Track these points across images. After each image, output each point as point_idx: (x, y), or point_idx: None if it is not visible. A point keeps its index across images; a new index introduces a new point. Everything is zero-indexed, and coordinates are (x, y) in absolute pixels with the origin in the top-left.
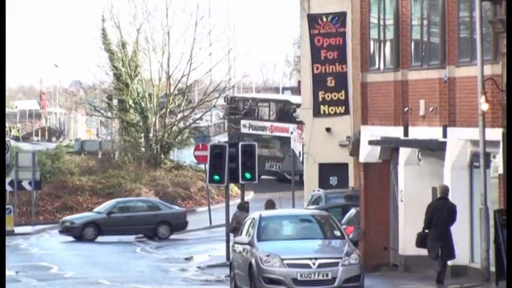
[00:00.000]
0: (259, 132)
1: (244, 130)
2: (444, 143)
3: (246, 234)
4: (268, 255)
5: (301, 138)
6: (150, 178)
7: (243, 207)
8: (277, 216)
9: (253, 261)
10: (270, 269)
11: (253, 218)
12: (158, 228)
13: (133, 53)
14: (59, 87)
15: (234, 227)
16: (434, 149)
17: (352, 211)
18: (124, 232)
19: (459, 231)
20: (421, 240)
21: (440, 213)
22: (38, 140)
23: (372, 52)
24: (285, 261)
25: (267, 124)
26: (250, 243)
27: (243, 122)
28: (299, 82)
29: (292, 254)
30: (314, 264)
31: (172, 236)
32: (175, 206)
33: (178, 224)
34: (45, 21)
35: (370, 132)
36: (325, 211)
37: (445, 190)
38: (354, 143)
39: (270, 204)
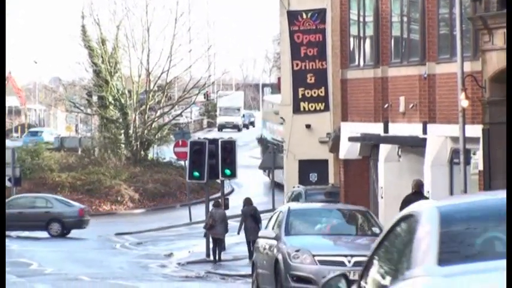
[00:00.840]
0: None
1: None
2: (424, 140)
3: (273, 228)
4: (297, 251)
5: None
6: (130, 175)
7: (219, 204)
8: (308, 210)
9: (279, 257)
10: (299, 265)
11: (281, 211)
12: (49, 225)
13: (113, 49)
14: (39, 84)
15: (210, 225)
16: (414, 146)
17: None
18: (14, 228)
19: None
20: None
21: None
22: (17, 137)
23: (351, 49)
24: (316, 258)
25: None
26: (277, 238)
27: None
28: (279, 79)
29: (324, 250)
30: (349, 262)
31: (153, 233)
32: (76, 204)
33: (71, 222)
34: (24, 18)
35: (350, 129)
36: (362, 206)
37: (419, 184)
38: (334, 139)
39: (248, 202)
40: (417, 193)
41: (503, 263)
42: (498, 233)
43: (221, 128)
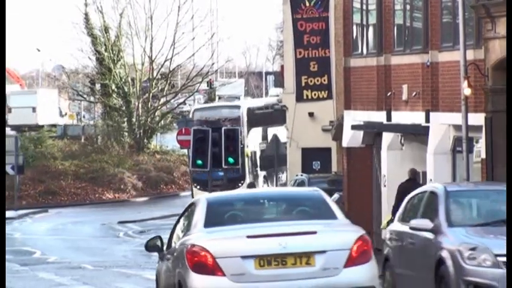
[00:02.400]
0: None
1: None
2: (427, 128)
3: (423, 216)
4: (473, 249)
5: None
6: (133, 163)
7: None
8: (470, 191)
9: (444, 255)
10: (476, 269)
11: (432, 192)
12: None
13: (116, 37)
14: (42, 72)
15: None
16: (417, 134)
17: (335, 196)
18: None
19: None
20: None
21: (408, 194)
22: None
23: (354, 37)
24: (500, 259)
25: None
26: (436, 230)
27: None
28: (282, 67)
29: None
30: None
31: (156, 221)
32: None
33: None
34: (27, 5)
35: (353, 117)
36: None
37: (414, 172)
38: (337, 127)
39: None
40: (411, 180)
41: (236, 225)
42: (239, 212)
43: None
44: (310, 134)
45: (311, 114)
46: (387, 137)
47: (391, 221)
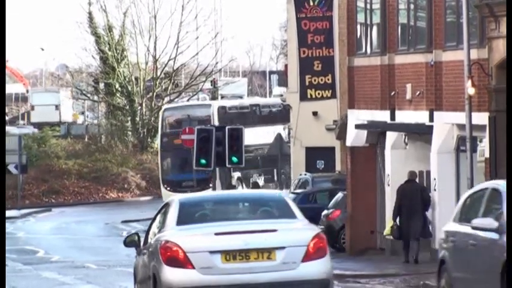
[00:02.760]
0: None
1: None
2: (431, 127)
3: (485, 215)
4: None
5: None
6: (137, 162)
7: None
8: None
9: None
10: None
11: (494, 189)
12: None
13: (119, 36)
14: (45, 71)
15: None
16: (420, 133)
17: (339, 195)
18: None
19: (445, 215)
20: (398, 231)
21: (409, 195)
22: (24, 124)
23: (358, 36)
24: None
25: None
26: (502, 230)
27: None
28: (286, 66)
29: None
30: None
31: None
32: None
33: None
34: (30, 4)
35: (357, 116)
36: None
37: (413, 174)
38: (341, 126)
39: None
40: (410, 181)
41: (205, 224)
42: (208, 212)
43: None
44: (314, 133)
45: (315, 114)
46: (391, 136)
47: (394, 226)
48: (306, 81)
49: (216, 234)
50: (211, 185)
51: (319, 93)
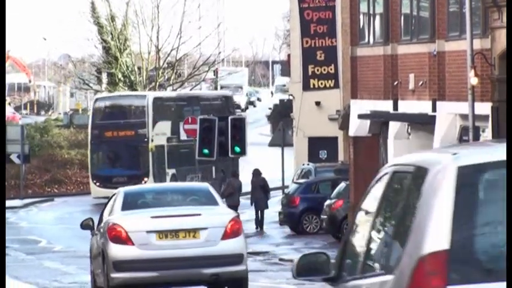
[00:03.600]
0: None
1: None
2: (433, 117)
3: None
4: None
5: None
6: None
7: (236, 175)
8: None
9: None
10: None
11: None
12: None
13: (122, 26)
14: (48, 61)
15: (230, 193)
16: (423, 123)
17: (342, 185)
18: None
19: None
20: None
21: None
22: (26, 114)
23: (361, 26)
24: None
25: None
26: None
27: None
28: (289, 56)
29: None
30: None
31: None
32: None
33: None
34: None
35: (360, 106)
36: None
37: None
38: (344, 116)
39: (257, 173)
40: None
41: (144, 209)
42: (147, 200)
43: None
44: (317, 123)
45: (318, 103)
46: (394, 126)
47: None
48: (309, 71)
49: (152, 217)
50: (144, 181)
51: (322, 83)
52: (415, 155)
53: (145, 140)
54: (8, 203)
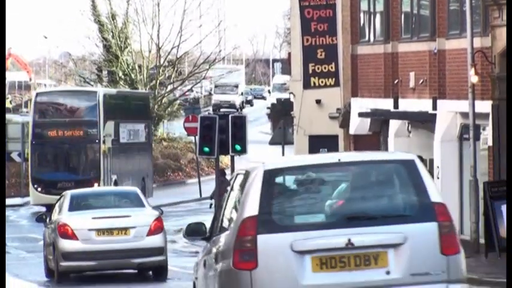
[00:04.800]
0: None
1: None
2: (434, 115)
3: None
4: None
5: None
6: None
7: (224, 173)
8: None
9: None
10: None
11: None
12: None
13: (123, 24)
14: (48, 59)
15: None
16: (424, 121)
17: (343, 185)
18: None
19: (448, 204)
20: None
21: None
22: (27, 112)
23: (362, 24)
24: None
25: None
26: None
27: None
28: (289, 54)
29: None
30: None
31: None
32: None
33: None
34: None
35: (360, 104)
36: None
37: (419, 158)
38: (344, 115)
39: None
40: None
41: (87, 210)
42: (89, 202)
43: (216, 108)
44: (317, 122)
45: (318, 102)
46: (394, 125)
47: None
48: (310, 70)
49: (93, 218)
50: (96, 186)
51: (322, 82)
52: (248, 165)
53: (97, 141)
54: (9, 201)
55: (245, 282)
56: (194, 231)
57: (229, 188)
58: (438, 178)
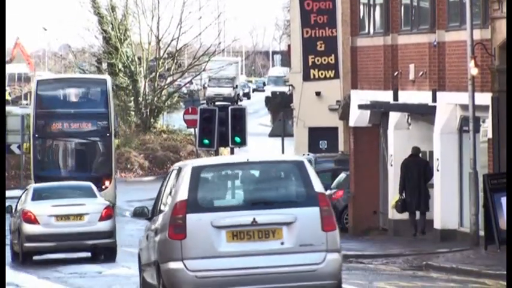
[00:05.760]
0: None
1: None
2: (434, 108)
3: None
4: None
5: None
6: (140, 142)
7: None
8: None
9: None
10: None
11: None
12: None
13: (122, 16)
14: (48, 51)
15: None
16: (423, 114)
17: (342, 175)
18: None
19: (448, 196)
20: (402, 206)
21: (411, 169)
22: (27, 104)
23: (361, 16)
24: None
25: None
26: None
27: None
28: (289, 46)
29: None
30: None
31: None
32: None
33: None
34: None
35: (360, 97)
36: None
37: (416, 148)
38: (344, 107)
39: None
40: (413, 156)
41: (48, 200)
42: (51, 193)
43: (210, 101)
44: (317, 114)
45: (318, 94)
46: (394, 117)
47: (400, 200)
48: (309, 62)
49: (52, 206)
50: (105, 186)
51: (322, 74)
52: (181, 163)
53: (108, 134)
54: (8, 193)
55: (177, 249)
56: (139, 213)
57: (165, 180)
58: (438, 170)
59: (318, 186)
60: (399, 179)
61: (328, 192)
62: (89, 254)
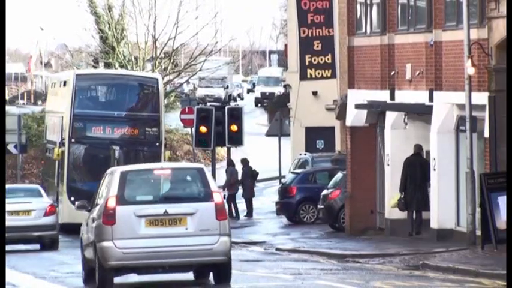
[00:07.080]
0: None
1: None
2: (430, 107)
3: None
4: None
5: None
6: None
7: (233, 164)
8: None
9: None
10: None
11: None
12: None
13: (119, 16)
14: (45, 50)
15: (236, 181)
16: (420, 113)
17: (339, 175)
18: None
19: (445, 195)
20: (405, 204)
21: (414, 168)
22: (23, 103)
23: (358, 16)
24: None
25: None
26: None
27: None
28: (286, 46)
29: None
30: None
31: None
32: None
33: None
34: None
35: (357, 96)
36: None
37: (419, 147)
38: (341, 106)
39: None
40: (416, 154)
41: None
42: (7, 194)
43: (200, 102)
44: (314, 113)
45: (315, 93)
46: (391, 116)
47: (401, 199)
48: (306, 61)
49: (8, 203)
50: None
51: (319, 73)
52: (112, 168)
53: (157, 144)
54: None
55: (108, 232)
56: (81, 206)
57: (102, 181)
58: (435, 170)
59: (213, 187)
60: (400, 177)
61: (324, 191)
62: (37, 246)
